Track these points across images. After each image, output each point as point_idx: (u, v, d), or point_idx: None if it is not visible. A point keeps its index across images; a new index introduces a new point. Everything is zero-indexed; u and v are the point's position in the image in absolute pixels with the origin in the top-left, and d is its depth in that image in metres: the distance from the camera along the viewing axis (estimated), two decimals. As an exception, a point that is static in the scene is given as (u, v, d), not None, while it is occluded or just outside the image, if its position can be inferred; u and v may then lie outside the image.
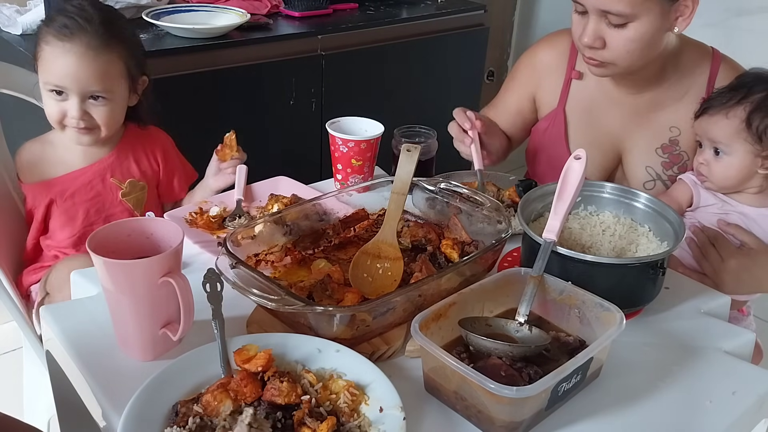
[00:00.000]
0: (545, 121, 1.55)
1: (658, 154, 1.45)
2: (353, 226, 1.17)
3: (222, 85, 1.96)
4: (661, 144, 1.44)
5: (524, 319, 0.92)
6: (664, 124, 1.44)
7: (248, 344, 0.85)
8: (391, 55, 2.32)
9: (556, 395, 0.83)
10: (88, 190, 1.42)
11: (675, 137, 1.44)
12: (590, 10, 1.28)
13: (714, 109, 1.29)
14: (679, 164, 1.44)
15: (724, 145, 1.28)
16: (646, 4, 1.24)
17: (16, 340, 1.90)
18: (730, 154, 1.28)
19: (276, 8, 2.21)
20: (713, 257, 1.26)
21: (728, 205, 1.33)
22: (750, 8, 2.46)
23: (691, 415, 0.88)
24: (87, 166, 1.42)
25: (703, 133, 1.31)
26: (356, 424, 0.80)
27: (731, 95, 1.28)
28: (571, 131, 1.51)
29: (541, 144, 1.56)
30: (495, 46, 3.23)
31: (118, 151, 1.45)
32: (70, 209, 1.41)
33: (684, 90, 1.43)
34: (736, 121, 1.25)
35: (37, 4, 1.89)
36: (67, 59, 1.28)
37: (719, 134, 1.28)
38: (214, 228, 1.25)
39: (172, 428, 0.77)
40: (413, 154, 1.13)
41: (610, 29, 1.28)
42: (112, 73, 1.34)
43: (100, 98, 1.33)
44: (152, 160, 1.50)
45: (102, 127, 1.36)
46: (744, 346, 1.04)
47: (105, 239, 0.88)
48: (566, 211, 1.00)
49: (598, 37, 1.29)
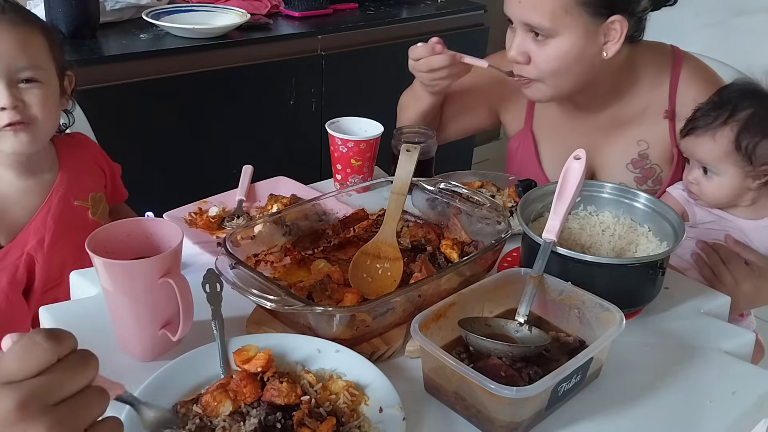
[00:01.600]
0: (515, 141, 1.54)
1: (629, 170, 1.41)
2: (353, 226, 1.17)
3: (222, 85, 1.96)
4: (631, 159, 1.41)
5: (524, 319, 0.92)
6: (631, 138, 1.40)
7: (248, 345, 0.86)
8: (391, 55, 2.32)
9: (556, 395, 0.83)
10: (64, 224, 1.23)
11: (644, 151, 1.40)
12: (516, 23, 1.27)
13: (700, 129, 1.24)
14: (652, 178, 1.41)
15: (713, 166, 1.24)
16: (567, 20, 1.20)
17: (16, 341, 1.90)
18: (720, 175, 1.24)
19: (276, 8, 2.21)
20: (728, 280, 1.23)
21: (725, 221, 1.30)
22: (750, 8, 2.46)
23: (691, 415, 0.88)
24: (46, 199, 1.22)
25: (690, 153, 1.28)
26: (356, 425, 0.80)
27: (716, 114, 1.22)
28: (542, 150, 1.50)
29: (515, 162, 1.56)
30: (495, 46, 3.22)
31: (63, 167, 1.27)
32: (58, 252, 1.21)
33: (645, 103, 1.38)
34: (724, 142, 1.21)
35: (38, 4, 1.89)
36: None
37: (707, 156, 1.24)
38: (213, 228, 1.24)
39: (172, 429, 0.77)
40: (413, 154, 1.13)
41: (535, 45, 1.25)
42: (37, 48, 1.15)
43: (31, 81, 1.13)
44: (95, 165, 1.35)
45: (38, 117, 1.14)
46: (744, 346, 1.04)
47: (104, 239, 0.88)
48: (566, 211, 1.00)
49: (522, 52, 1.27)
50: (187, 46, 1.89)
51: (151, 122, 1.88)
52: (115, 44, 1.89)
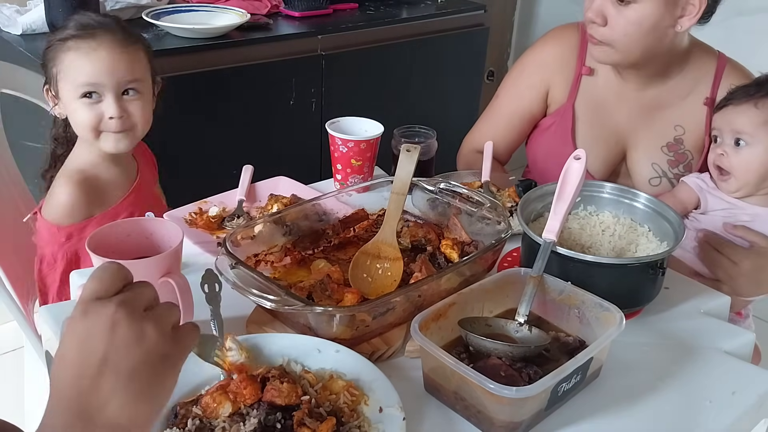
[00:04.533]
0: (551, 118, 1.54)
1: (664, 152, 1.45)
2: (353, 226, 1.17)
3: (222, 85, 1.96)
4: (666, 142, 1.45)
5: (524, 319, 0.92)
6: (669, 122, 1.45)
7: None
8: (391, 55, 2.32)
9: (556, 395, 0.83)
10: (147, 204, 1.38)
11: (680, 136, 1.44)
12: None
13: (739, 99, 1.28)
14: (684, 163, 1.45)
15: (749, 135, 1.26)
16: None
17: (17, 340, 1.90)
18: (754, 146, 1.26)
19: (276, 8, 2.21)
20: (725, 264, 1.25)
21: (737, 208, 1.31)
22: (749, 8, 2.46)
23: (691, 415, 0.88)
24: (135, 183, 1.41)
25: (727, 123, 1.30)
26: (356, 425, 0.80)
27: (758, 88, 1.27)
28: (579, 127, 1.51)
29: (545, 140, 1.55)
30: (495, 46, 3.22)
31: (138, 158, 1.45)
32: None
33: (688, 89, 1.43)
34: (766, 110, 1.25)
35: (37, 4, 1.89)
36: (99, 54, 1.26)
37: (746, 123, 1.27)
38: (213, 228, 1.24)
39: (172, 430, 0.77)
40: (413, 154, 1.13)
41: (614, 7, 1.29)
42: (140, 65, 1.33)
43: (133, 92, 1.31)
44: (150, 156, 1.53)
45: (138, 125, 1.33)
46: (744, 346, 1.04)
47: (105, 239, 0.88)
48: (566, 211, 1.00)
49: (600, 13, 1.31)
50: (187, 46, 1.89)
51: (151, 122, 1.88)
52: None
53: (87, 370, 0.56)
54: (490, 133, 1.55)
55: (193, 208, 1.29)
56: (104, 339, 0.57)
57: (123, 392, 0.57)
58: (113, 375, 0.56)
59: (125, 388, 0.57)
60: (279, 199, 1.29)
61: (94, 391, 0.56)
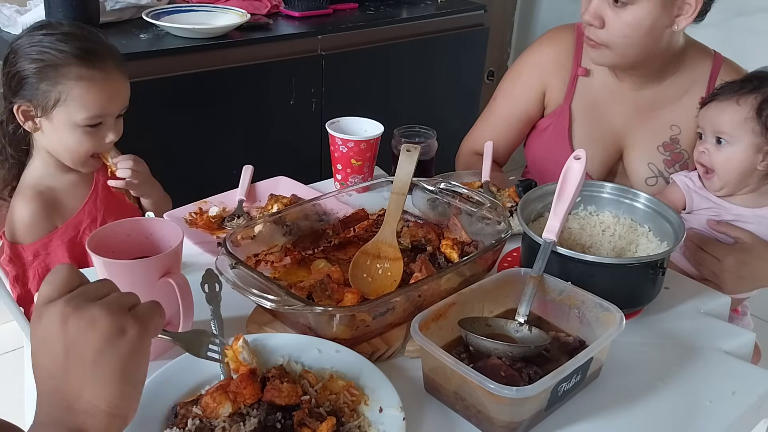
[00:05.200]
0: (548, 119, 1.54)
1: (660, 152, 1.45)
2: (353, 226, 1.17)
3: (222, 85, 1.96)
4: (662, 142, 1.45)
5: (524, 319, 0.92)
6: (665, 122, 1.45)
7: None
8: (391, 55, 2.32)
9: (556, 395, 0.83)
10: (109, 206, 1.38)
11: (675, 135, 1.44)
12: None
13: (724, 96, 1.28)
14: (680, 162, 1.45)
15: (728, 134, 1.26)
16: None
17: (17, 340, 1.90)
18: (733, 144, 1.26)
19: (276, 8, 2.21)
20: (708, 260, 1.26)
21: (722, 208, 1.32)
22: (749, 8, 2.46)
23: (691, 415, 0.88)
24: (92, 188, 1.38)
25: (709, 121, 1.30)
26: (356, 425, 0.80)
27: (742, 85, 1.27)
28: (576, 128, 1.51)
29: (542, 141, 1.56)
30: (495, 46, 3.22)
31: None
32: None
33: (684, 89, 1.44)
34: (746, 108, 1.24)
35: (37, 4, 1.89)
36: (108, 83, 1.26)
37: (726, 121, 1.27)
38: (213, 228, 1.25)
39: (172, 430, 0.77)
40: (413, 154, 1.13)
41: (612, 10, 1.29)
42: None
43: (121, 116, 1.33)
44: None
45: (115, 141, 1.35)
46: (744, 346, 1.04)
47: (105, 239, 0.88)
48: (566, 211, 1.00)
49: (598, 16, 1.31)
50: (187, 46, 1.89)
51: (151, 122, 1.87)
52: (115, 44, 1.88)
53: (55, 369, 0.60)
54: (487, 135, 1.55)
55: (193, 208, 1.29)
56: (60, 335, 0.60)
57: (91, 378, 0.59)
58: (78, 365, 0.59)
59: (93, 373, 0.59)
60: (279, 199, 1.29)
61: (66, 385, 0.60)
